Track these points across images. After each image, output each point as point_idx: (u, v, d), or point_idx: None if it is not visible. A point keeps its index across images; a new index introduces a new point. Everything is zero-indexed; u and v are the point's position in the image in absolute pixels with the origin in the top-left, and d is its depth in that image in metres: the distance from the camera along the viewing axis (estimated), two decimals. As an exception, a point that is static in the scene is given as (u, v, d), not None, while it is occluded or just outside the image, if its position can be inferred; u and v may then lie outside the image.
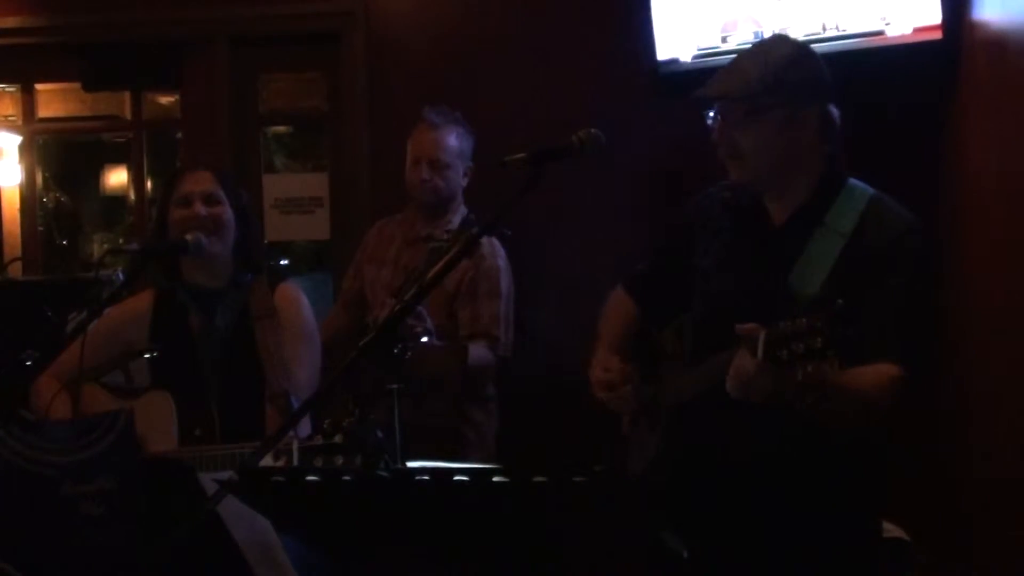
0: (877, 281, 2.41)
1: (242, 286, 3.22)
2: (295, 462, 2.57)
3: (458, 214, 4.00)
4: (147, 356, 3.15)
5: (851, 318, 2.07)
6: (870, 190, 2.55)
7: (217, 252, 3.17)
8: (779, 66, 2.49)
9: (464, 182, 4.03)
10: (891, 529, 3.08)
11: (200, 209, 3.16)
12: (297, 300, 3.27)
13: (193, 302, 3.20)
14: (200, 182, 3.20)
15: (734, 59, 2.63)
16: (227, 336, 3.18)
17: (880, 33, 3.96)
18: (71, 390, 3.06)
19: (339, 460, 2.57)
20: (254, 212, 3.41)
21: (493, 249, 3.91)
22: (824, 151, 2.54)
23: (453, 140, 3.97)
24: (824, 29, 4.07)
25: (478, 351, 3.78)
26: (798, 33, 4.04)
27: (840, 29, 4.04)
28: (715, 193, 2.73)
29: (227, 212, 3.20)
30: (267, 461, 2.41)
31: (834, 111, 2.54)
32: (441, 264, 2.53)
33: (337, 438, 2.54)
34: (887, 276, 2.42)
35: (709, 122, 2.59)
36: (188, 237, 3.10)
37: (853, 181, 2.56)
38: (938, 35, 3.85)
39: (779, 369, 2.13)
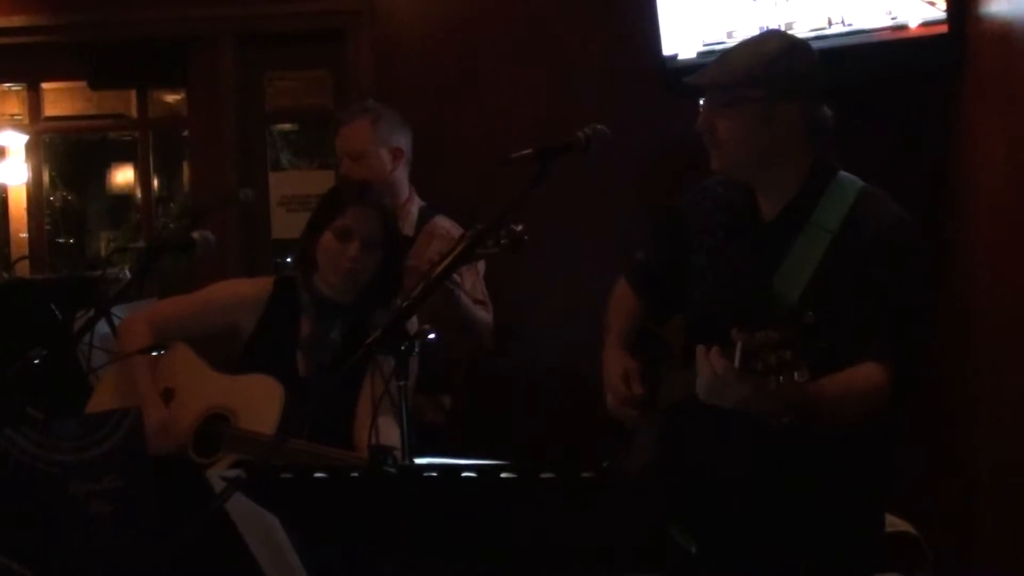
0: (863, 277, 2.35)
1: (366, 307, 3.07)
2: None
3: (414, 204, 3.95)
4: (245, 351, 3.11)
5: (823, 331, 2.04)
6: (859, 183, 2.50)
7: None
8: (766, 59, 2.46)
9: (395, 167, 3.92)
10: (900, 524, 3.08)
11: (355, 251, 3.03)
12: None
13: (312, 307, 3.11)
14: (366, 224, 3.06)
15: (728, 49, 2.62)
16: (339, 348, 3.06)
17: (886, 27, 3.96)
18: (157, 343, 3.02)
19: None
20: (402, 248, 3.30)
21: (456, 229, 3.83)
22: (812, 147, 2.50)
23: (362, 128, 3.90)
24: (830, 24, 4.07)
25: (481, 311, 3.75)
26: (804, 27, 4.03)
27: (846, 24, 4.03)
28: (709, 188, 2.70)
29: (376, 259, 3.07)
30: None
31: (824, 110, 2.50)
32: (449, 260, 2.51)
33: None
34: (873, 272, 2.36)
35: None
36: (195, 235, 3.06)
37: (843, 174, 2.51)
38: (944, 29, 3.85)
39: (755, 378, 2.08)
